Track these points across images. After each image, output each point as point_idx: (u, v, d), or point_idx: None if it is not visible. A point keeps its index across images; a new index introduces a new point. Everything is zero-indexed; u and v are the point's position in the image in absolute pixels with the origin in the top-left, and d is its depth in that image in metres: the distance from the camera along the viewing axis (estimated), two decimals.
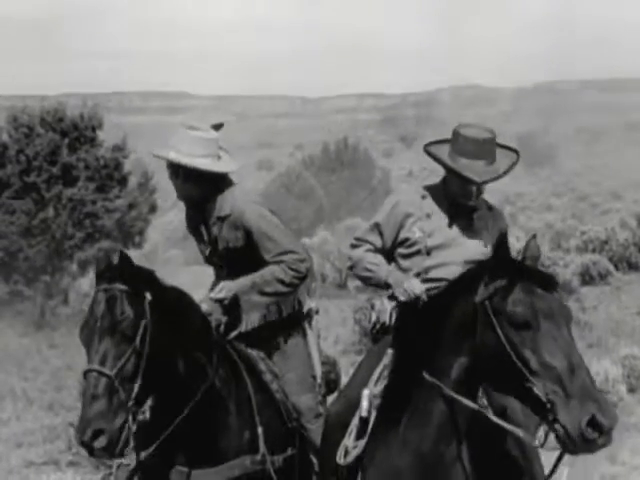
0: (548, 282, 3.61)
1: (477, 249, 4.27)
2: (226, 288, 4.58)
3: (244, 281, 4.60)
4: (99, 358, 3.83)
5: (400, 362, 3.96)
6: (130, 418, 3.80)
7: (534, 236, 3.82)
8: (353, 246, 4.46)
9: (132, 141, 23.21)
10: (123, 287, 3.94)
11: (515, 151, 4.44)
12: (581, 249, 20.99)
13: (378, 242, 4.39)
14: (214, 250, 4.73)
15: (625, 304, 16.66)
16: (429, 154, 4.35)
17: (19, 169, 20.49)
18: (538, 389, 3.40)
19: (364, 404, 3.96)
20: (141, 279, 4.00)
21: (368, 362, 4.27)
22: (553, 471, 3.74)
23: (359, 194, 40.55)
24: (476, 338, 3.58)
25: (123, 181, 21.67)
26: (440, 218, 4.33)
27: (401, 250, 4.37)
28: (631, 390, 10.45)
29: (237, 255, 4.67)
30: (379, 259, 4.36)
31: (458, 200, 4.33)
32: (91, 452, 3.80)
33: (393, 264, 4.39)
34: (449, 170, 4.31)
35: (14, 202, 20.36)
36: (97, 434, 3.74)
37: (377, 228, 4.40)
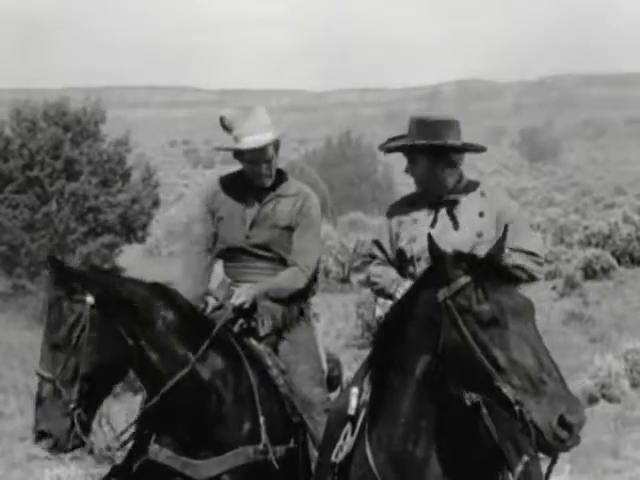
0: (511, 277, 3.56)
1: (463, 245, 4.25)
2: (244, 293, 4.63)
3: (261, 287, 4.67)
4: (43, 363, 4.03)
5: (374, 361, 3.95)
6: (76, 417, 3.96)
7: (506, 228, 3.77)
8: (364, 263, 4.50)
9: (135, 135, 23.23)
10: (60, 293, 4.09)
11: (480, 149, 4.42)
12: (584, 244, 20.96)
13: (382, 256, 4.42)
14: (257, 230, 4.75)
15: (628, 299, 16.65)
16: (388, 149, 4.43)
17: (22, 163, 20.50)
18: (507, 389, 3.34)
19: (352, 403, 3.96)
20: (82, 282, 4.09)
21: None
22: (548, 476, 3.70)
23: (362, 188, 40.56)
24: (441, 338, 3.51)
25: (126, 175, 21.68)
26: (424, 221, 4.32)
27: (401, 258, 4.40)
28: (634, 385, 10.44)
29: (280, 237, 4.75)
30: (383, 270, 4.37)
31: (434, 192, 4.32)
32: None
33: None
34: (386, 150, 4.42)
35: (17, 196, 20.37)
36: (42, 436, 3.95)
37: (376, 244, 4.44)
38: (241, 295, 4.60)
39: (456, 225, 4.28)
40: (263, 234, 4.74)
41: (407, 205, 4.40)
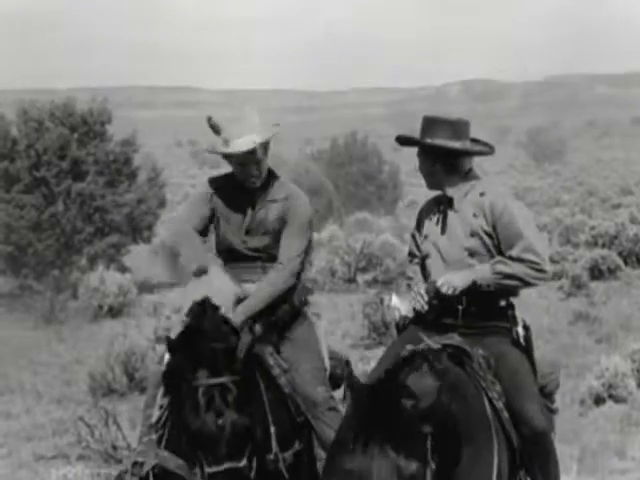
0: None
1: (459, 244, 4.29)
2: (237, 320, 4.60)
3: (251, 304, 4.66)
4: None
5: None
6: None
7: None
8: (409, 261, 4.61)
9: (141, 136, 23.23)
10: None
11: (488, 148, 4.45)
12: (590, 244, 20.94)
13: (417, 251, 4.52)
14: (251, 235, 4.80)
15: (635, 299, 16.63)
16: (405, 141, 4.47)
17: (29, 164, 20.53)
18: None
19: None
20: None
21: (390, 354, 4.28)
22: None
23: (368, 188, 40.49)
24: None
25: (132, 176, 21.71)
26: (434, 220, 4.40)
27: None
28: None
29: (274, 241, 4.78)
30: (414, 271, 4.49)
31: (436, 190, 4.39)
32: None
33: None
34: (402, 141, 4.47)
35: (24, 197, 20.41)
36: None
37: (412, 238, 4.57)
38: (232, 318, 4.56)
39: (444, 223, 4.34)
40: (258, 240, 4.79)
41: (431, 204, 4.49)
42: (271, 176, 4.83)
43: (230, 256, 4.87)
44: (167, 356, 4.44)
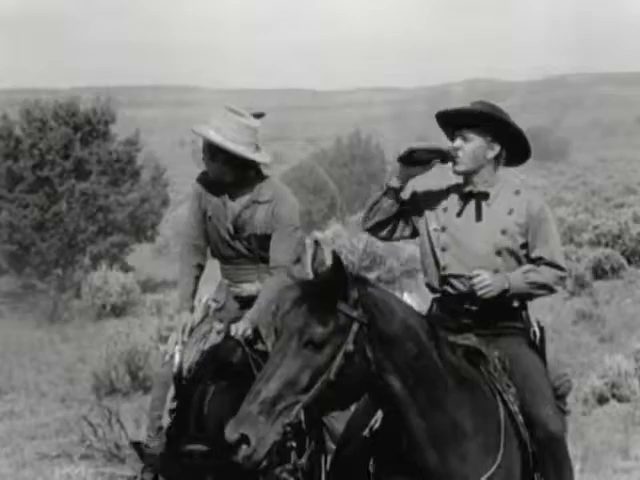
0: None
1: (487, 240, 4.20)
2: (242, 324, 4.66)
3: (257, 309, 4.72)
4: None
5: None
6: None
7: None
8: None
9: (144, 135, 23.26)
10: None
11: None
12: (594, 243, 20.91)
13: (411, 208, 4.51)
14: (237, 235, 4.83)
15: (638, 298, 16.61)
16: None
17: (32, 163, 20.55)
18: None
19: None
20: None
21: None
22: None
23: (371, 188, 40.50)
24: None
25: (135, 175, 21.73)
26: (452, 210, 4.28)
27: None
28: None
29: (260, 241, 4.81)
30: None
31: (464, 187, 4.30)
32: None
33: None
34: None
35: (27, 196, 20.43)
36: None
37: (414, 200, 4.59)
38: (239, 327, 4.63)
39: (479, 217, 4.24)
40: (244, 240, 4.84)
41: (441, 193, 4.37)
42: (258, 175, 4.87)
43: (224, 258, 4.93)
44: (177, 357, 4.45)
